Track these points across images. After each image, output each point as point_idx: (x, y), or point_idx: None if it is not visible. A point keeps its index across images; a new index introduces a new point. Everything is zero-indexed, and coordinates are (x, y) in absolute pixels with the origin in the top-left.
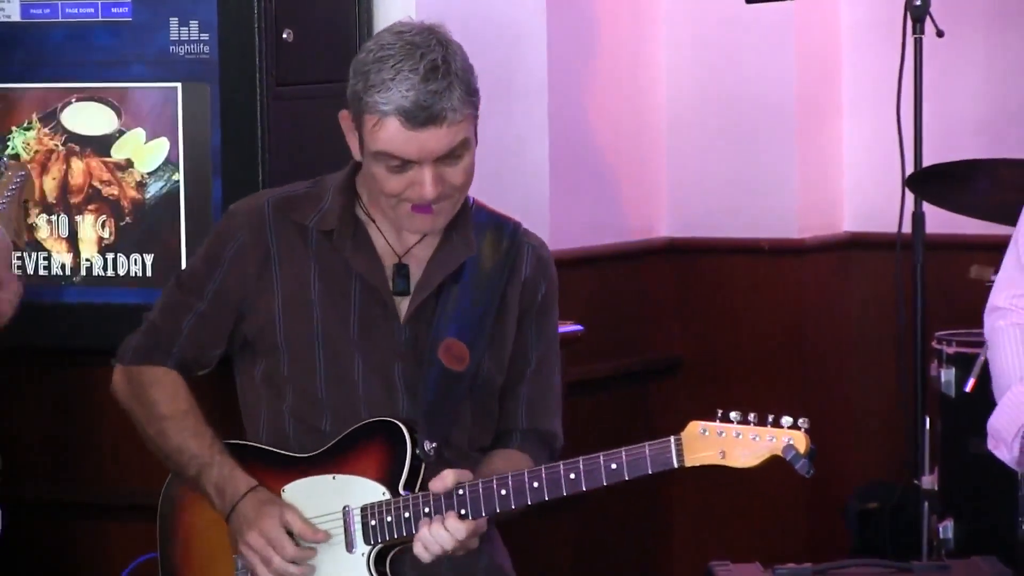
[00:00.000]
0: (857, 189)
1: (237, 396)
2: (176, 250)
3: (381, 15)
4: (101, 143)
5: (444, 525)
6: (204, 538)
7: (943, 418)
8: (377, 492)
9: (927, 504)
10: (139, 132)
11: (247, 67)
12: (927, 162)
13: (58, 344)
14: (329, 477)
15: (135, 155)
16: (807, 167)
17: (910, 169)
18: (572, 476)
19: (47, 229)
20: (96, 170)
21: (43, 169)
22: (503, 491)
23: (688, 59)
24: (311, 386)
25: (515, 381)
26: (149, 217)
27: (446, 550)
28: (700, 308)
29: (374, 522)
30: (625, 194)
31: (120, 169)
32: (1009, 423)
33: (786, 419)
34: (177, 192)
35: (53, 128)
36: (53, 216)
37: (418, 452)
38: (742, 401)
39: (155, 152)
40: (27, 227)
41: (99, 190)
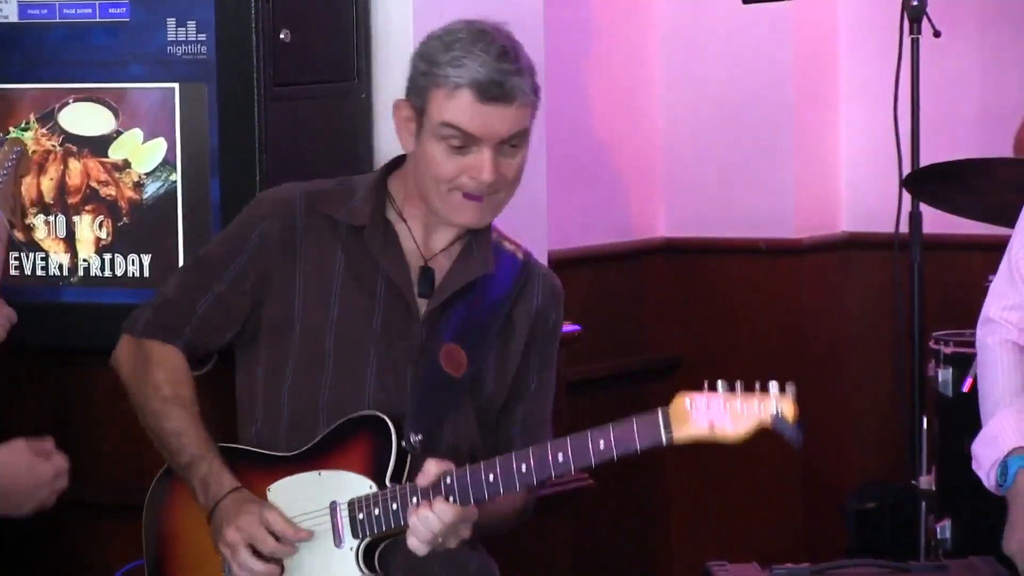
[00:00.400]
0: (854, 189)
1: (231, 400)
2: (174, 250)
3: (379, 15)
4: (99, 143)
5: (431, 508)
6: (191, 541)
7: (940, 418)
8: (364, 486)
9: (924, 504)
10: (136, 132)
11: (245, 67)
12: (924, 162)
13: (55, 344)
14: (315, 474)
15: (132, 155)
16: (804, 167)
17: (907, 169)
18: (560, 458)
19: (44, 229)
20: (94, 170)
21: (40, 169)
22: (491, 476)
23: (686, 59)
24: (316, 376)
25: (514, 400)
26: (147, 217)
27: (436, 535)
28: (698, 308)
29: (362, 516)
30: (623, 194)
31: (118, 169)
32: (985, 457)
33: (772, 384)
34: (175, 192)
35: (51, 128)
36: (51, 216)
37: (404, 444)
38: None
39: (152, 152)
40: (22, 206)
41: (96, 190)
